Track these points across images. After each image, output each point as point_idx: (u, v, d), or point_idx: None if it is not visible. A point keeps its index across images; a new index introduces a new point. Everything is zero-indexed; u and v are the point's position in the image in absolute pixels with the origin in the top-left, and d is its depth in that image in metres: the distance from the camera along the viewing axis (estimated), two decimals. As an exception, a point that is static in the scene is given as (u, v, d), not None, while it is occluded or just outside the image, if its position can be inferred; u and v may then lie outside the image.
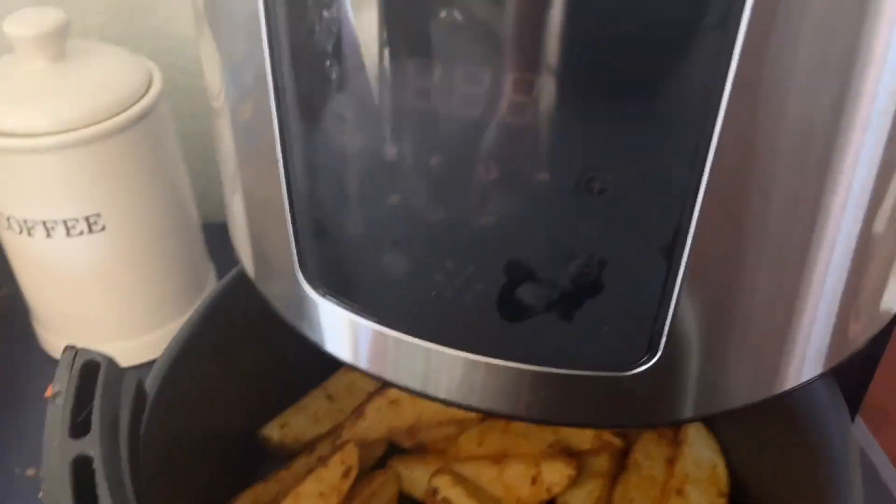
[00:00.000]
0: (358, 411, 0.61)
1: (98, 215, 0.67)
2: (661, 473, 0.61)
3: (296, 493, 0.56)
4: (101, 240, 0.69)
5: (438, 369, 0.38)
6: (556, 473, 0.60)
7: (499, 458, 0.61)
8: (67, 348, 0.44)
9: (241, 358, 0.60)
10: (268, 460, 0.64)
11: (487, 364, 0.37)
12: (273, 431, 0.63)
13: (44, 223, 0.67)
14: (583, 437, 0.61)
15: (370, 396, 0.62)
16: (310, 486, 0.56)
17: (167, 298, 0.76)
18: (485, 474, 0.60)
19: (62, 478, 0.38)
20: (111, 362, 0.44)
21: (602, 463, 0.61)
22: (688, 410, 0.38)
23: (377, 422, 0.61)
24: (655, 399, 0.37)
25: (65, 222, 0.67)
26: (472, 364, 0.37)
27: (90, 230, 0.68)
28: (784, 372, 0.38)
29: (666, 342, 0.35)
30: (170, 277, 0.76)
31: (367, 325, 0.39)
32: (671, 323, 0.34)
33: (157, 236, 0.73)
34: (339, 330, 0.41)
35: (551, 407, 0.38)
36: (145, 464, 0.47)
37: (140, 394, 0.45)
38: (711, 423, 0.62)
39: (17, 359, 0.79)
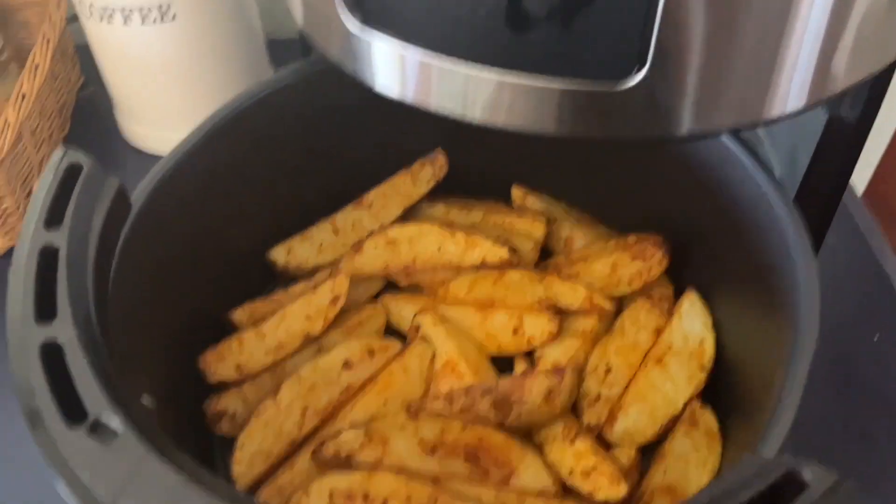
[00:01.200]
0: (356, 246, 0.63)
1: (169, 5, 0.74)
2: (645, 341, 0.60)
3: (284, 312, 0.59)
4: (172, 29, 0.76)
5: (473, 91, 0.43)
6: (537, 327, 0.60)
7: (485, 307, 0.62)
8: (59, 149, 0.48)
9: (257, 176, 0.63)
10: (277, 281, 0.68)
11: (511, 84, 0.41)
12: (279, 255, 0.66)
13: (121, 10, 0.74)
14: (573, 298, 0.61)
15: (371, 233, 0.64)
16: (298, 308, 0.59)
17: (231, 84, 0.82)
18: (468, 319, 0.62)
19: (28, 267, 0.41)
20: (94, 165, 0.47)
21: (588, 323, 0.61)
22: (678, 126, 0.41)
23: (373, 258, 0.63)
24: (648, 112, 0.40)
25: (140, 10, 0.74)
26: (498, 84, 0.41)
27: (162, 19, 0.75)
28: (771, 97, 0.40)
29: (654, 54, 0.37)
30: (235, 75, 0.83)
31: (410, 55, 0.43)
32: (658, 34, 0.36)
33: (223, 32, 0.80)
34: (385, 64, 0.45)
35: (560, 121, 0.42)
36: (132, 265, 0.51)
37: (120, 198, 0.48)
38: (710, 299, 0.61)
39: (104, 150, 0.89)
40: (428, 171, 0.68)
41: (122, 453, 0.35)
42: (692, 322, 0.60)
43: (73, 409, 0.36)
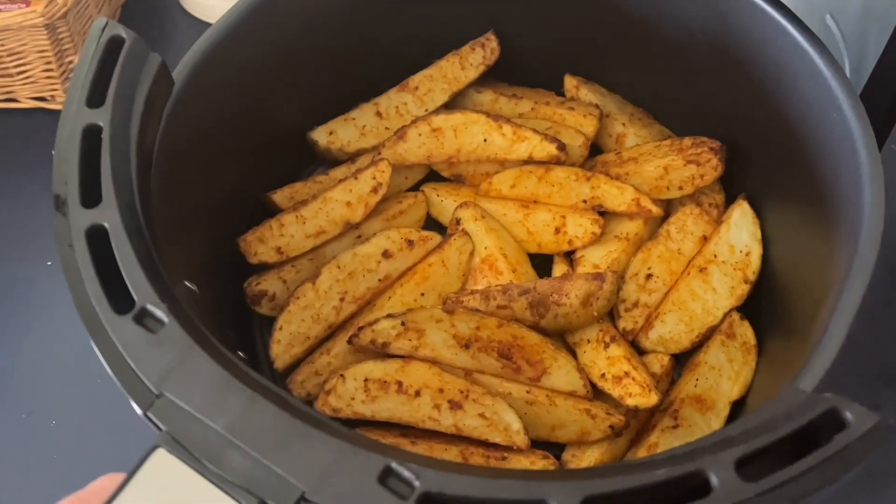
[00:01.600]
0: (400, 133, 0.62)
1: None
2: (689, 249, 0.59)
3: (324, 198, 0.59)
4: None
5: None
6: (580, 228, 0.59)
7: (528, 203, 0.61)
8: (99, 20, 0.46)
9: (300, 57, 0.61)
10: (316, 163, 0.67)
11: None
12: (320, 136, 0.65)
13: None
14: (620, 199, 0.59)
15: (415, 120, 0.62)
16: (339, 194, 0.59)
17: None
18: (510, 215, 0.61)
19: (71, 146, 0.41)
20: (137, 40, 0.45)
21: (632, 227, 0.59)
22: None
23: (417, 146, 0.62)
24: None
25: None
26: None
27: None
28: None
29: None
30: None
31: None
32: None
33: None
34: None
35: None
36: (175, 144, 0.51)
37: (162, 75, 0.46)
38: (761, 209, 0.59)
39: (161, 18, 0.89)
40: (478, 55, 0.65)
41: (167, 343, 0.35)
42: (740, 232, 0.58)
43: (120, 297, 0.36)
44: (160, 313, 0.36)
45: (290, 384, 0.55)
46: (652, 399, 0.51)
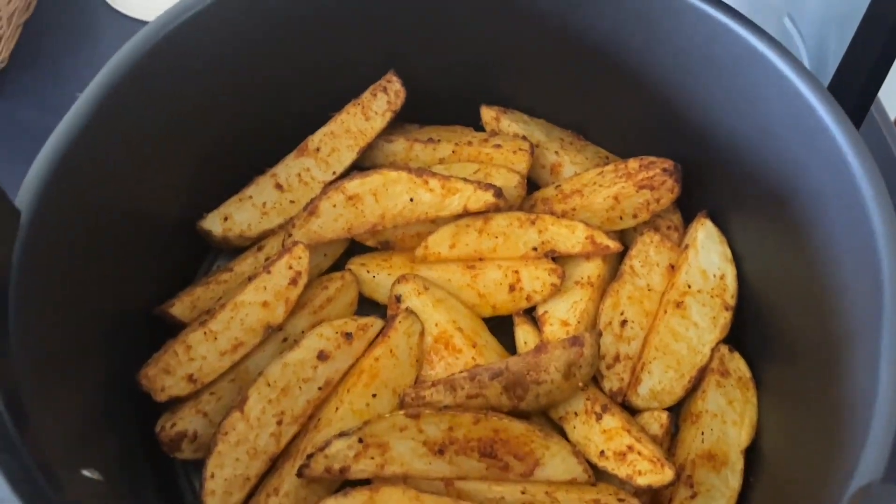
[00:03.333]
0: (310, 208, 0.52)
1: None
2: (658, 282, 0.53)
3: (235, 303, 0.48)
4: None
5: None
6: (536, 281, 0.52)
7: (473, 263, 0.53)
8: None
9: (176, 128, 0.50)
10: (214, 253, 0.57)
11: None
12: (213, 224, 0.54)
13: None
14: (572, 240, 0.52)
15: (325, 189, 0.53)
16: (251, 295, 0.49)
17: None
18: (455, 280, 0.53)
19: None
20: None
21: (592, 269, 0.53)
22: None
23: (333, 219, 0.52)
24: None
25: None
26: None
27: None
28: None
29: None
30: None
31: None
32: None
33: None
34: None
35: None
36: (41, 266, 0.40)
37: (2, 209, 0.35)
38: (724, 225, 0.53)
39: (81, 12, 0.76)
40: (382, 101, 0.56)
41: None
42: (709, 254, 0.53)
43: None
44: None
45: (239, 543, 0.45)
46: (667, 475, 0.44)
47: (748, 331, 0.52)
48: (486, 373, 0.46)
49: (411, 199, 0.52)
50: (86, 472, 0.36)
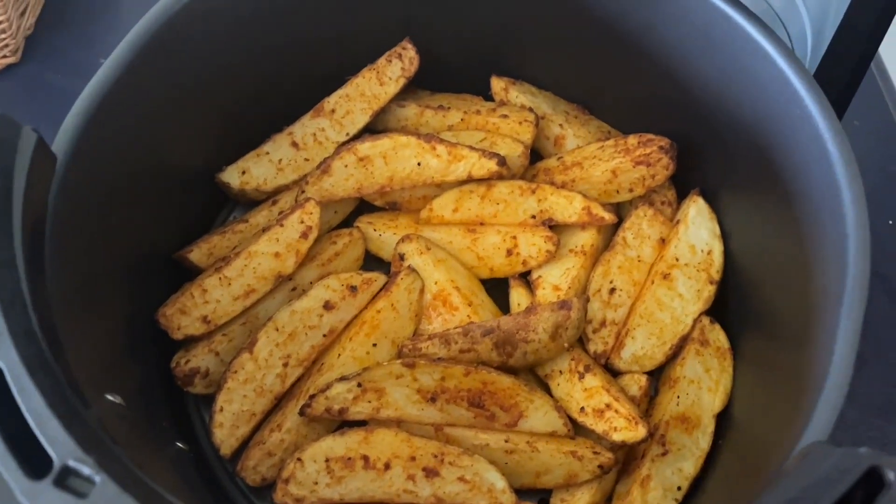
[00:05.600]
0: (323, 166, 0.55)
1: None
2: (649, 254, 0.56)
3: (249, 252, 0.52)
4: None
5: None
6: (533, 247, 0.55)
7: (473, 227, 0.56)
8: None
9: (200, 86, 0.53)
10: (231, 205, 0.60)
11: None
12: (232, 177, 0.57)
13: None
14: (569, 210, 0.55)
15: (338, 149, 0.56)
16: (265, 246, 0.52)
17: None
18: (457, 242, 0.56)
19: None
20: (2, 118, 0.38)
21: (587, 239, 0.56)
22: None
23: (344, 179, 0.55)
24: None
25: None
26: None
27: None
28: None
29: None
30: None
31: None
32: None
33: None
34: None
35: None
36: (66, 215, 0.43)
37: (40, 153, 0.39)
38: (716, 203, 0.56)
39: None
40: (396, 67, 0.59)
41: (101, 508, 0.29)
42: (699, 230, 0.55)
43: (34, 456, 0.30)
44: (88, 471, 0.29)
45: (242, 471, 0.49)
46: (640, 432, 0.47)
47: (730, 304, 0.55)
48: (479, 330, 0.50)
49: (419, 164, 0.55)
50: (109, 397, 0.40)
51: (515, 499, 0.46)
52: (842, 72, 0.49)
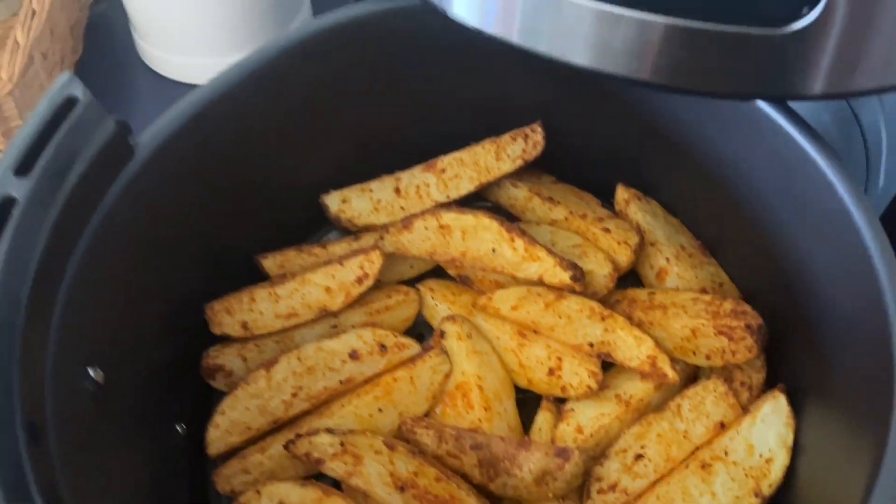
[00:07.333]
0: (406, 222, 0.55)
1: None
2: (699, 434, 0.49)
3: (303, 279, 0.54)
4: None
5: (570, 26, 0.38)
6: (575, 376, 0.51)
7: (526, 331, 0.53)
8: (64, 75, 0.43)
9: (321, 113, 0.56)
10: (329, 226, 0.62)
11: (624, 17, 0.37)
12: (333, 202, 0.59)
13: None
14: (633, 352, 0.50)
15: (424, 212, 0.55)
16: (320, 278, 0.54)
17: (263, 15, 0.73)
18: (504, 341, 0.53)
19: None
20: (91, 103, 0.42)
21: (640, 390, 0.50)
22: (818, 84, 0.38)
23: (421, 239, 0.55)
24: (792, 65, 0.37)
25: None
26: (607, 17, 0.36)
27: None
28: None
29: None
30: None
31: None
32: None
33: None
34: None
35: (681, 68, 0.38)
36: (147, 203, 0.47)
37: (116, 142, 0.43)
38: (801, 408, 0.47)
39: (120, 75, 0.80)
40: (518, 147, 0.57)
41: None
42: (767, 431, 0.47)
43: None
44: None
45: (217, 476, 0.51)
46: None
47: (769, 528, 0.46)
48: (469, 440, 0.47)
49: (493, 250, 0.53)
50: (90, 371, 0.43)
51: None
52: None
